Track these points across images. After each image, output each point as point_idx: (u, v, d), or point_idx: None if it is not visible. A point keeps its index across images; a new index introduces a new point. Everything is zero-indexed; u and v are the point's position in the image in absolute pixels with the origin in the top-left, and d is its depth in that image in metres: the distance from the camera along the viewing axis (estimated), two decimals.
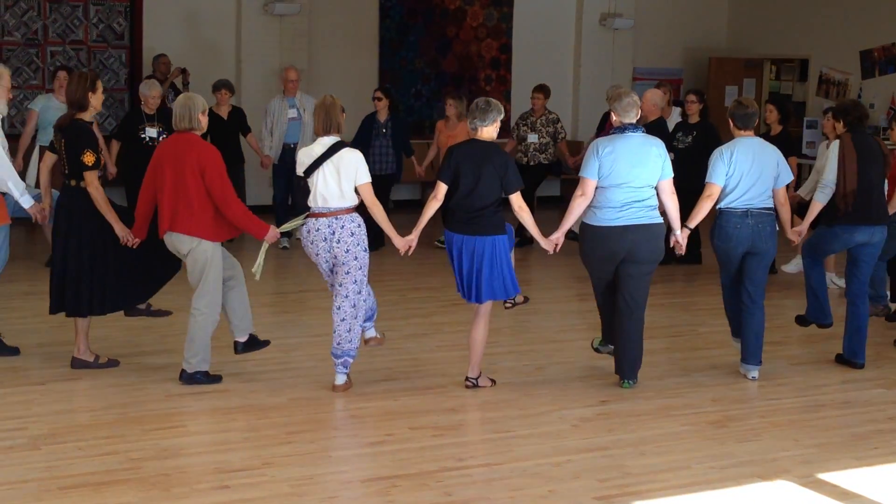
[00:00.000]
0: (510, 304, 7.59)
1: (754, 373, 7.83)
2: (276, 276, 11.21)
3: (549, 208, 14.99)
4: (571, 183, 14.31)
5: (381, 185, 12.20)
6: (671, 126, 12.02)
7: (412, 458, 6.14)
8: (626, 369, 7.51)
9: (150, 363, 7.76)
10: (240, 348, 7.50)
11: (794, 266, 11.30)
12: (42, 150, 10.36)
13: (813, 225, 8.27)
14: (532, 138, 12.89)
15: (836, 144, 8.14)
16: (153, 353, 7.93)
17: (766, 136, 11.38)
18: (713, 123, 12.07)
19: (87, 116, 7.43)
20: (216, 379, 7.33)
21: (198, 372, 7.27)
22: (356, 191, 7.13)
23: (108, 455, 6.03)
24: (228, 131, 12.39)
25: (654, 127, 11.05)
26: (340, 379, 7.26)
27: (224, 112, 12.46)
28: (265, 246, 7.38)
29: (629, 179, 7.21)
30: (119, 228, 7.38)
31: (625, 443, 6.50)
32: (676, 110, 12.69)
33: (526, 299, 7.71)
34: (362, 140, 12.69)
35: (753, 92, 17.84)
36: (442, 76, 16.61)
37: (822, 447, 6.53)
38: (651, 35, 17.80)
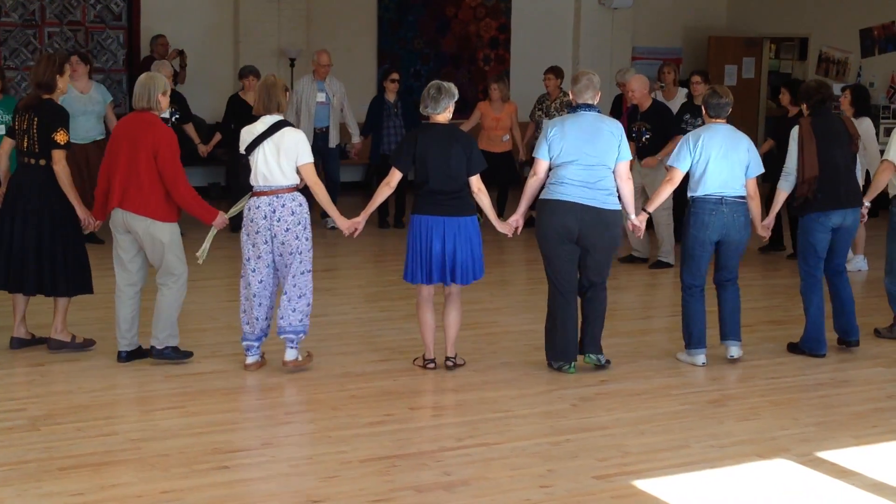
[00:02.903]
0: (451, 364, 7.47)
1: (734, 350, 7.72)
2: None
3: None
4: None
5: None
6: (676, 107, 11.80)
7: (411, 438, 6.15)
8: (588, 342, 7.40)
9: (146, 345, 7.73)
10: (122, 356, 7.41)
11: (855, 264, 10.90)
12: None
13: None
14: (544, 121, 12.74)
15: (795, 130, 7.95)
16: (146, 336, 7.90)
17: (784, 119, 11.34)
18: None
19: (54, 98, 7.42)
20: (186, 354, 7.35)
21: (167, 347, 7.28)
22: (298, 171, 7.10)
23: (108, 436, 6.04)
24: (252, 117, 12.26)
25: (652, 114, 10.94)
26: (290, 354, 7.19)
27: (251, 98, 12.31)
28: (213, 231, 7.35)
29: (579, 157, 7.15)
30: (81, 210, 7.40)
31: (624, 422, 6.51)
32: (682, 91, 12.49)
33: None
34: (373, 122, 12.76)
35: (753, 71, 17.80)
36: (441, 56, 16.57)
37: (821, 426, 6.54)
38: (650, 14, 17.74)
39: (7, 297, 7.72)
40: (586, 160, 7.15)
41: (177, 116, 11.62)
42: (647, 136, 10.94)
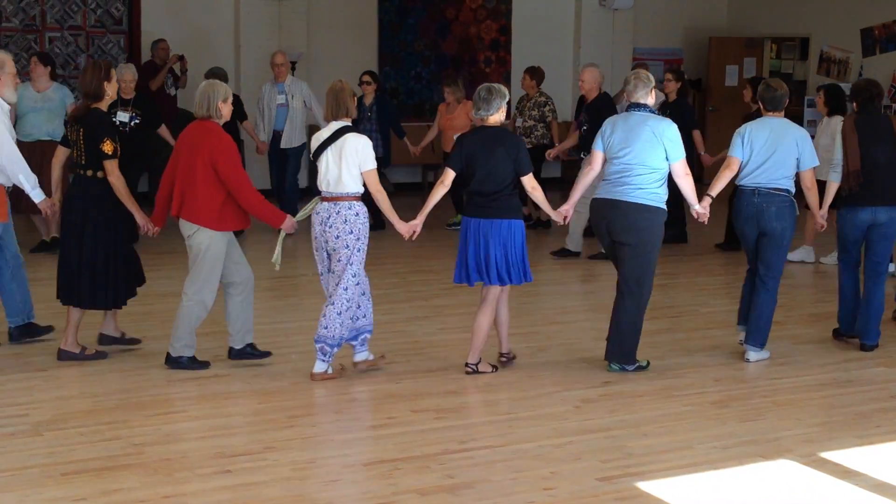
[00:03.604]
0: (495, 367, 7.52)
1: (750, 354, 7.77)
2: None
3: (551, 189, 14.93)
4: (571, 165, 14.29)
5: None
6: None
7: (414, 441, 6.14)
8: (609, 349, 7.46)
9: (152, 349, 7.74)
10: (232, 354, 7.43)
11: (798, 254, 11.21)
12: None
13: None
14: (518, 122, 12.83)
15: (839, 126, 8.26)
16: (154, 339, 7.91)
17: (751, 117, 11.46)
18: (690, 103, 12.17)
19: (102, 106, 7.38)
20: (203, 365, 7.30)
21: (182, 356, 7.26)
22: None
23: (111, 441, 6.04)
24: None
25: (594, 105, 11.19)
26: (319, 367, 7.12)
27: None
28: (282, 235, 7.34)
29: (618, 155, 7.32)
30: (140, 217, 7.38)
31: (627, 424, 6.50)
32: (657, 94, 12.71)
33: (514, 357, 7.65)
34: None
35: (754, 71, 17.79)
36: (441, 58, 16.57)
37: (824, 426, 6.53)
38: (651, 15, 17.74)
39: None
40: (625, 159, 7.30)
41: (136, 121, 11.27)
42: (585, 128, 11.21)
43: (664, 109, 11.77)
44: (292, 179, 12.74)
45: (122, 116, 11.09)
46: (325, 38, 15.64)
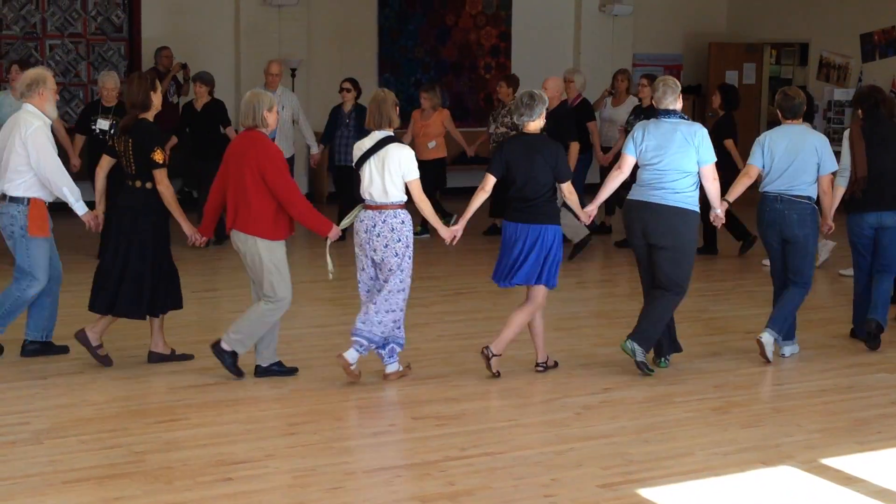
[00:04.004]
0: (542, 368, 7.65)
1: (764, 336, 7.81)
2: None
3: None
4: None
5: (343, 175, 12.22)
6: (624, 114, 12.41)
7: (415, 448, 6.15)
8: (664, 348, 7.67)
9: None
10: (258, 372, 7.38)
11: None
12: None
13: None
14: (491, 128, 12.80)
15: (847, 132, 8.37)
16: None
17: (717, 122, 11.80)
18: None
19: (149, 116, 7.38)
20: (239, 372, 7.28)
21: (228, 353, 7.21)
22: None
23: (111, 448, 6.04)
24: (203, 124, 12.01)
25: (553, 114, 11.14)
26: (351, 356, 7.13)
27: (199, 104, 12.09)
28: (329, 243, 7.35)
29: (654, 162, 7.42)
30: (187, 227, 7.40)
31: (628, 430, 6.50)
32: (633, 99, 12.93)
33: (556, 363, 7.74)
34: (330, 131, 12.65)
35: (754, 77, 17.82)
36: (442, 64, 16.59)
37: (825, 432, 6.53)
38: (650, 21, 17.77)
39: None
40: (660, 165, 7.40)
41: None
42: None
43: (639, 114, 11.94)
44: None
45: (103, 124, 10.91)
46: (325, 45, 15.66)
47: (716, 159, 7.56)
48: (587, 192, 15.49)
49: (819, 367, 7.87)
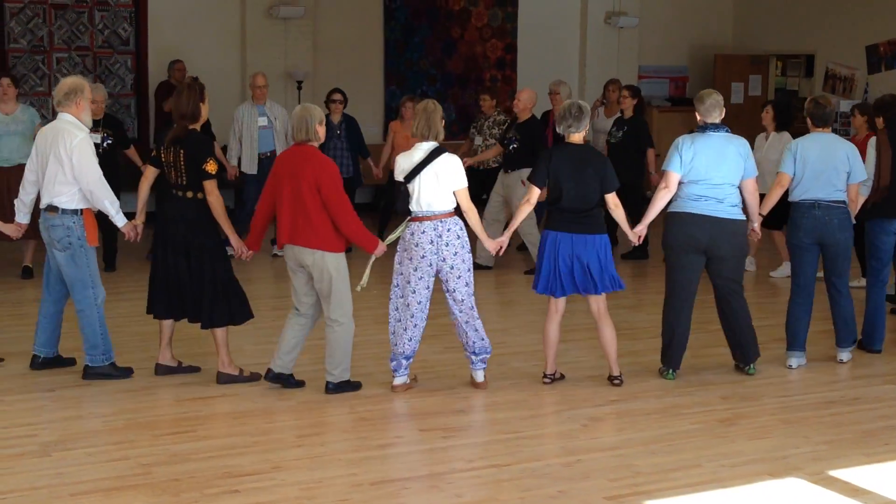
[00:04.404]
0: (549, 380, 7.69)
1: (843, 355, 8.09)
2: (282, 280, 11.17)
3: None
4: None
5: (344, 187, 12.13)
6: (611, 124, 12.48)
7: (422, 460, 6.15)
8: (750, 354, 7.78)
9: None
10: (269, 376, 7.37)
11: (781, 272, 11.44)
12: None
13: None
14: (477, 141, 12.72)
15: (873, 140, 8.56)
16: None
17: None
18: (646, 119, 12.56)
19: (198, 127, 7.39)
20: (356, 386, 7.32)
21: (342, 382, 7.26)
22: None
23: (119, 461, 6.04)
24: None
25: (525, 126, 11.39)
26: (479, 376, 7.42)
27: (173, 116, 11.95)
28: (373, 259, 7.38)
29: (707, 177, 7.46)
30: (234, 240, 7.39)
31: (635, 442, 6.50)
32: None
33: (563, 376, 7.77)
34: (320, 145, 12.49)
35: (759, 88, 17.82)
36: (447, 77, 16.62)
37: (832, 444, 6.52)
38: (656, 33, 17.78)
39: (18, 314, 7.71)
40: (714, 180, 7.46)
41: (109, 142, 11.02)
42: (514, 146, 11.43)
43: (621, 126, 11.99)
44: None
45: (94, 137, 10.83)
46: (331, 57, 15.68)
47: (758, 173, 7.69)
48: None
49: (826, 379, 7.86)
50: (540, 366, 7.95)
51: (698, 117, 7.65)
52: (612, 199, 7.45)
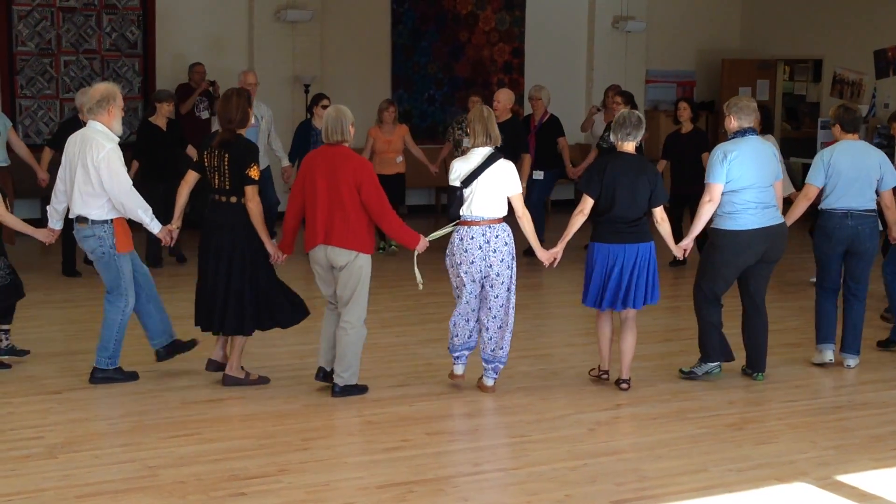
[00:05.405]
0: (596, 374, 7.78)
1: (850, 361, 8.09)
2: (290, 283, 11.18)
3: (562, 212, 14.94)
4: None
5: None
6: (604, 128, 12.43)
7: (428, 464, 6.14)
8: (762, 362, 7.78)
9: (166, 370, 7.76)
10: (320, 375, 7.43)
11: None
12: None
13: None
14: (466, 143, 12.69)
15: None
16: (169, 361, 7.91)
17: (678, 136, 11.99)
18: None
19: (244, 132, 7.38)
20: (362, 389, 7.32)
21: (349, 385, 7.25)
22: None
23: (125, 463, 6.05)
24: (166, 143, 11.64)
25: (505, 126, 11.22)
26: (488, 381, 7.41)
27: (163, 123, 11.69)
28: (416, 255, 7.43)
29: (756, 180, 7.43)
30: (269, 245, 7.37)
31: (641, 446, 6.49)
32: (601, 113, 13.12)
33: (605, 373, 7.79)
34: (299, 147, 12.37)
35: (767, 93, 17.80)
36: (455, 81, 16.62)
37: (839, 449, 6.50)
38: (663, 37, 17.78)
39: (26, 316, 7.72)
40: (762, 182, 7.46)
41: None
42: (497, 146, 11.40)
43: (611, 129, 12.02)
44: (274, 198, 12.52)
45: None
46: (339, 61, 15.71)
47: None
48: (554, 208, 15.69)
49: (833, 384, 7.85)
50: (546, 369, 7.96)
51: (734, 122, 7.50)
52: (660, 213, 7.41)
